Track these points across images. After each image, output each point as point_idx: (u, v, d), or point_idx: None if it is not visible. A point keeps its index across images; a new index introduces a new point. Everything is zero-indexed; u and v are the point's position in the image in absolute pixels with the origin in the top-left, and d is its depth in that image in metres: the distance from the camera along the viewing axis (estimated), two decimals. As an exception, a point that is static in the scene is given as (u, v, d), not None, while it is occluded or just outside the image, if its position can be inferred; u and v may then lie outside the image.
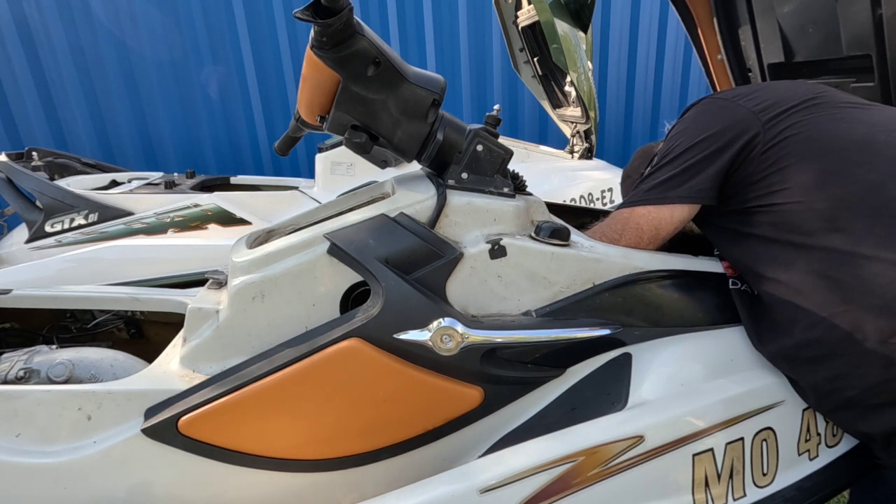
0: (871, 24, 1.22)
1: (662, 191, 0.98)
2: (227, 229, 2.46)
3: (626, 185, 1.37)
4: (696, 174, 0.96)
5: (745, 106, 0.98)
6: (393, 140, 0.88)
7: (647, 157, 1.28)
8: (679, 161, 0.98)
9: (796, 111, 0.95)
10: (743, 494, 0.90)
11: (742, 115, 0.97)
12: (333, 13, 0.73)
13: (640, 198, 1.00)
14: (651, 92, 4.93)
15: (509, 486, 0.80)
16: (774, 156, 0.93)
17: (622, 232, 0.99)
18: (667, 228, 0.98)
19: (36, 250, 2.34)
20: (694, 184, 0.96)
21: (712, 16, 1.57)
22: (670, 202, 0.97)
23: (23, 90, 3.69)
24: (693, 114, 1.06)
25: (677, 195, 0.97)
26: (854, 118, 0.94)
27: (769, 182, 0.93)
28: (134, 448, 0.84)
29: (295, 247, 0.87)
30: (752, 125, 0.95)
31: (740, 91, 1.05)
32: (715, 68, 1.65)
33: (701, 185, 0.96)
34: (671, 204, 0.97)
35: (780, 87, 1.04)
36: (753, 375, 0.93)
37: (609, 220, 1.03)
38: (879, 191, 0.85)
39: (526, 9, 2.86)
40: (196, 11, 3.86)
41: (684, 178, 0.97)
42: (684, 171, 0.97)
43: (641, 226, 0.98)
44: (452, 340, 0.84)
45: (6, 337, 1.27)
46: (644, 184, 1.02)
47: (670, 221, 0.98)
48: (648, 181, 1.01)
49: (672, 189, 0.97)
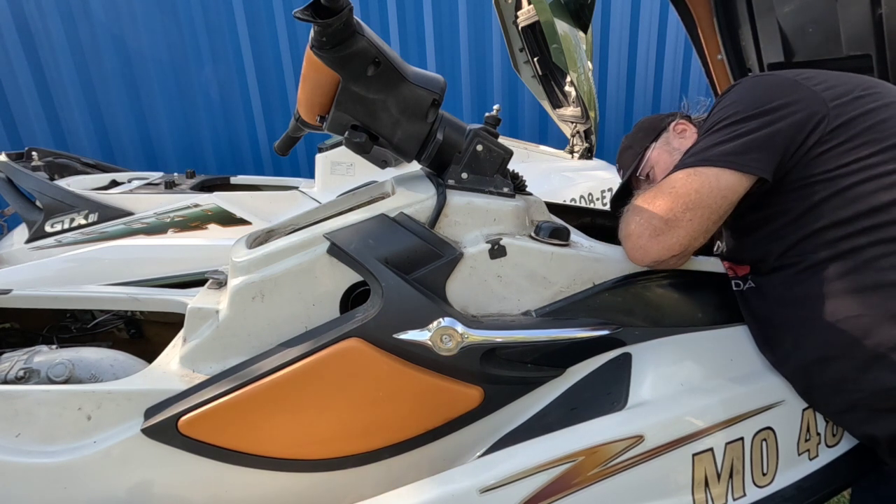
0: (871, 24, 1.22)
1: (732, 154, 0.87)
2: (227, 229, 2.46)
3: (626, 155, 1.29)
4: (761, 146, 0.87)
5: (807, 86, 0.92)
6: (393, 140, 0.88)
7: (653, 127, 1.24)
8: (743, 128, 0.89)
9: (859, 99, 0.90)
10: (743, 494, 0.90)
11: (807, 95, 0.91)
12: (333, 13, 0.73)
13: (705, 158, 0.88)
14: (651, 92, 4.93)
15: (509, 485, 0.80)
16: (835, 140, 0.87)
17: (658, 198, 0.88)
18: (736, 197, 0.88)
19: (36, 250, 2.34)
20: (759, 157, 0.87)
21: (712, 16, 1.57)
22: (742, 169, 0.87)
23: (23, 90, 3.68)
24: (751, 85, 0.98)
25: (731, 161, 0.87)
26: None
27: (819, 170, 0.87)
28: (134, 448, 0.84)
29: (295, 247, 0.87)
30: (818, 106, 0.89)
31: (797, 71, 0.98)
32: (715, 68, 1.65)
33: (765, 159, 0.87)
34: (723, 169, 0.87)
35: (832, 74, 0.98)
36: (753, 375, 0.93)
37: (662, 185, 0.91)
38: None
39: (526, 9, 2.86)
40: (196, 11, 3.85)
41: (755, 144, 0.87)
42: (757, 139, 0.87)
43: (709, 189, 0.86)
44: (452, 340, 0.84)
45: (6, 337, 1.27)
46: (704, 146, 0.91)
47: (741, 189, 0.87)
48: (711, 144, 0.90)
49: (743, 153, 0.87)
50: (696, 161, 0.89)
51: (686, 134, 1.19)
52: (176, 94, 3.99)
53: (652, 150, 1.21)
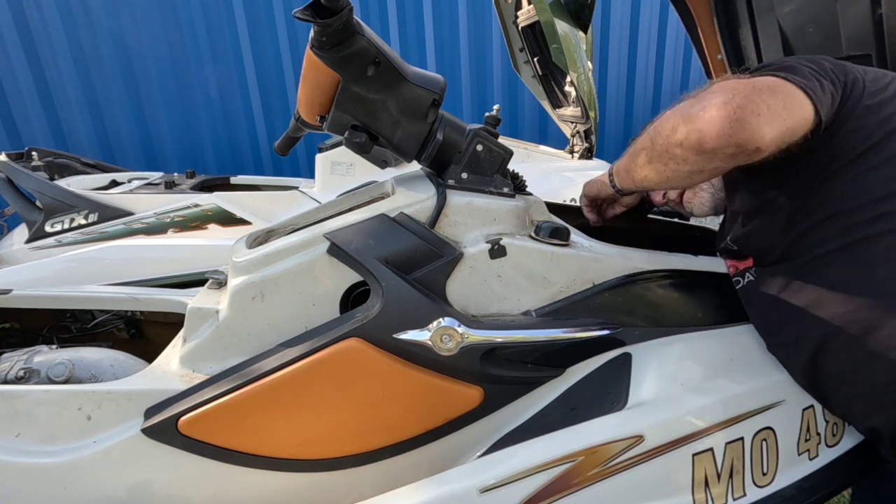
0: (871, 24, 1.22)
1: (785, 73, 0.78)
2: (227, 229, 2.46)
3: None
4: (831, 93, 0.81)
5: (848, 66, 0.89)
6: (393, 140, 0.88)
7: None
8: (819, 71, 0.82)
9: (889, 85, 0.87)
10: (743, 494, 0.90)
11: (849, 66, 0.87)
12: (333, 13, 0.73)
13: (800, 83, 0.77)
14: (651, 92, 4.94)
15: (509, 485, 0.80)
16: (853, 126, 0.83)
17: (748, 86, 0.75)
18: (802, 133, 0.77)
19: (36, 250, 2.35)
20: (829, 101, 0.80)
21: (712, 16, 1.57)
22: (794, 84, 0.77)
23: (23, 90, 3.69)
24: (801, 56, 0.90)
25: (803, 83, 0.77)
26: None
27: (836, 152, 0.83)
28: (134, 448, 0.84)
29: (295, 247, 0.87)
30: (859, 72, 0.86)
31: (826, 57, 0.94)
32: (715, 68, 1.65)
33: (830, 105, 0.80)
34: (798, 87, 0.77)
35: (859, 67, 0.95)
36: (753, 375, 0.93)
37: (764, 83, 0.77)
38: None
39: (526, 9, 2.86)
40: (196, 11, 3.86)
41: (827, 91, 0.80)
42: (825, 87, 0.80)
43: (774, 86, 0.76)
44: (452, 340, 0.84)
45: (6, 337, 1.27)
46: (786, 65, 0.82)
47: (808, 127, 0.77)
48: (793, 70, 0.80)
49: (797, 75, 0.78)
50: (778, 72, 0.79)
51: None
52: (176, 94, 4.00)
53: None
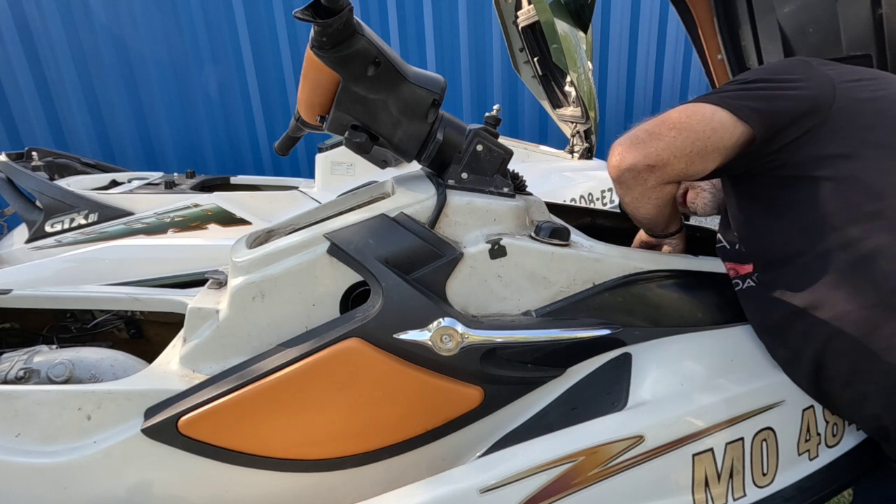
0: (871, 24, 1.22)
1: (732, 98, 0.89)
2: (227, 229, 2.46)
3: None
4: (759, 99, 0.89)
5: (818, 68, 0.93)
6: (393, 140, 0.88)
7: None
8: (749, 86, 0.92)
9: (869, 81, 0.91)
10: (743, 494, 0.90)
11: (818, 75, 0.91)
12: (333, 13, 0.73)
13: (703, 98, 0.91)
14: (651, 92, 4.94)
15: (509, 486, 0.80)
16: (841, 121, 0.87)
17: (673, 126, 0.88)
18: (724, 141, 0.87)
19: (36, 250, 2.34)
20: (755, 108, 0.88)
21: (712, 16, 1.57)
22: (736, 112, 0.87)
23: (23, 90, 3.69)
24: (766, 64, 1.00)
25: (745, 107, 0.87)
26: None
27: (824, 152, 0.87)
28: (134, 448, 0.84)
29: (295, 247, 0.87)
30: (826, 88, 0.89)
31: (822, 60, 1.00)
32: (715, 68, 1.65)
33: (760, 113, 0.87)
34: (736, 116, 0.87)
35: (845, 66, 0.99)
36: (753, 375, 0.93)
37: (662, 116, 0.91)
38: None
39: (526, 9, 2.86)
40: (196, 11, 3.86)
41: (757, 98, 0.89)
42: (759, 95, 0.89)
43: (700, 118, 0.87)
44: (452, 340, 0.84)
45: (6, 337, 1.27)
46: (707, 93, 0.93)
47: (731, 133, 0.87)
48: (713, 91, 0.92)
49: (742, 100, 0.88)
50: (695, 99, 0.91)
51: None
52: (176, 94, 3.99)
53: None
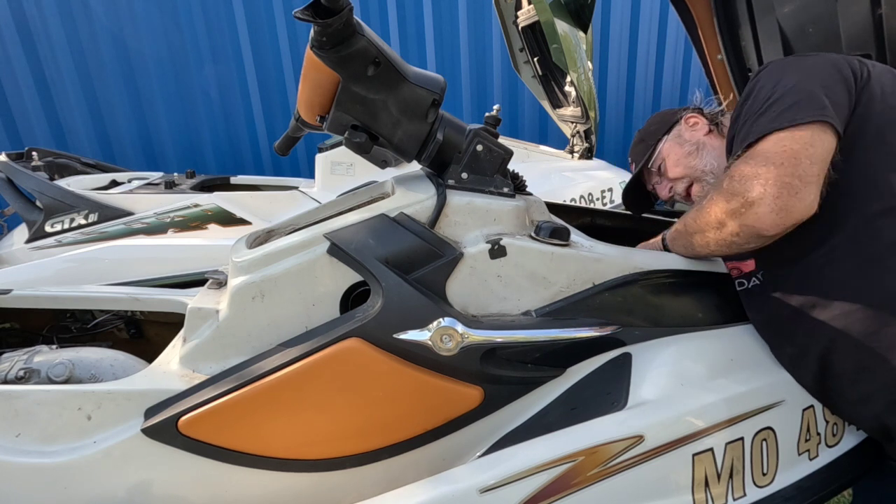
0: (871, 24, 1.22)
1: (792, 114, 0.81)
2: (227, 229, 2.46)
3: (638, 149, 1.27)
4: (826, 99, 0.82)
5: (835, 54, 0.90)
6: (393, 140, 0.88)
7: (665, 121, 1.24)
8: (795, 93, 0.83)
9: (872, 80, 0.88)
10: (743, 494, 0.90)
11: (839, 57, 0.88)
12: (333, 13, 0.73)
13: (767, 126, 0.82)
14: (651, 92, 4.93)
15: (509, 486, 0.80)
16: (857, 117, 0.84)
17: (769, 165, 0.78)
18: (820, 154, 0.79)
19: (36, 250, 2.34)
20: (828, 105, 0.81)
21: (712, 16, 1.57)
22: (805, 123, 0.80)
23: (23, 90, 3.68)
24: (781, 64, 0.93)
25: (811, 115, 0.80)
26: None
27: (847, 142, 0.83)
28: (134, 448, 0.84)
29: (295, 247, 0.87)
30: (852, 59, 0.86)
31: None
32: (715, 68, 1.65)
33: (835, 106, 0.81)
34: (809, 124, 0.80)
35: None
36: (753, 375, 0.93)
37: (760, 149, 0.81)
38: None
39: (526, 9, 2.86)
40: (196, 11, 3.85)
41: (813, 102, 0.82)
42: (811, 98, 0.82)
43: (791, 152, 0.78)
44: (452, 340, 0.84)
45: (6, 337, 1.27)
46: (756, 121, 0.84)
47: (821, 145, 0.79)
48: (762, 116, 0.83)
49: (802, 111, 0.81)
50: (783, 122, 0.81)
51: (698, 127, 1.20)
52: (176, 94, 3.99)
53: (664, 143, 1.22)
